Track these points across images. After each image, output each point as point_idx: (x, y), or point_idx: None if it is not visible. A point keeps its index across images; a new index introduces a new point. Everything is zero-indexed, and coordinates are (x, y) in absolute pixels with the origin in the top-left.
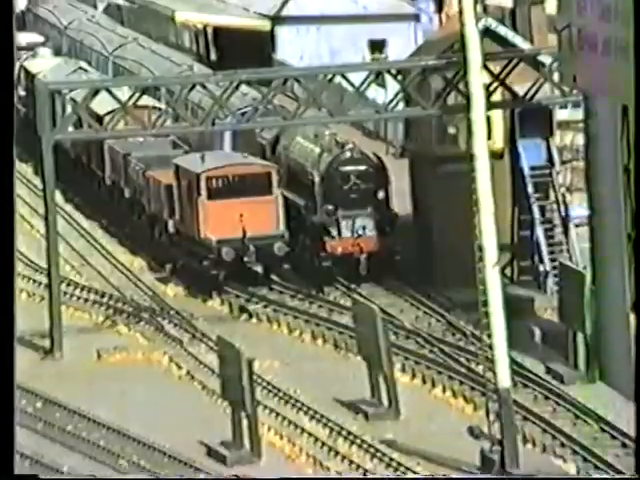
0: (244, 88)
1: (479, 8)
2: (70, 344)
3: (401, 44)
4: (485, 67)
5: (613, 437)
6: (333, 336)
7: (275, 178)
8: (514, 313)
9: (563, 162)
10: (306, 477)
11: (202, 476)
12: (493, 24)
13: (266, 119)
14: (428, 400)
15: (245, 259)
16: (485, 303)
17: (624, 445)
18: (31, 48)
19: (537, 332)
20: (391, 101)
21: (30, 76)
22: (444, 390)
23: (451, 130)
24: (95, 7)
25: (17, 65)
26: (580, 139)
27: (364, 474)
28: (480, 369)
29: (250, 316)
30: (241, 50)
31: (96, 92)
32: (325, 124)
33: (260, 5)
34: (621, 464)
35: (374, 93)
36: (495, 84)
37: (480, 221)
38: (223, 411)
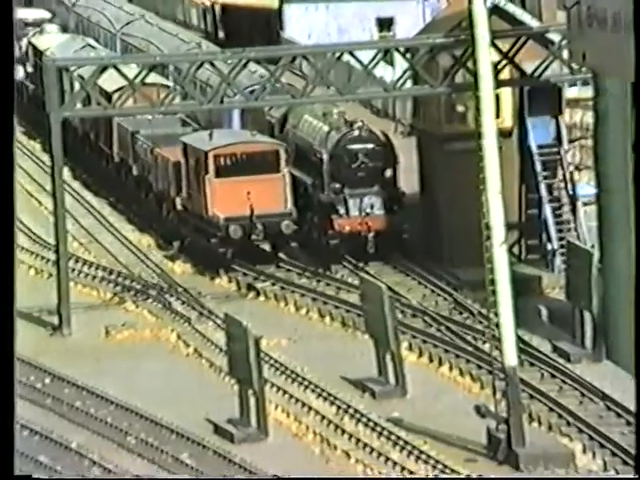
0: (252, 66)
1: None
2: (78, 321)
3: (409, 22)
4: (493, 45)
5: (619, 415)
6: (340, 314)
7: (283, 156)
8: (521, 291)
9: (572, 140)
10: (300, 478)
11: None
12: (502, 1)
13: (274, 97)
14: (435, 378)
15: (253, 237)
16: (492, 282)
17: (629, 423)
18: (38, 24)
19: (544, 311)
20: (399, 79)
21: (38, 52)
22: (451, 368)
23: (459, 108)
24: None
25: (24, 41)
26: (590, 117)
27: (370, 452)
28: (487, 347)
29: (257, 294)
30: (249, 28)
31: (104, 69)
32: (333, 102)
33: None
34: (626, 442)
35: (382, 71)
36: (504, 62)
37: (487, 199)
38: (230, 389)
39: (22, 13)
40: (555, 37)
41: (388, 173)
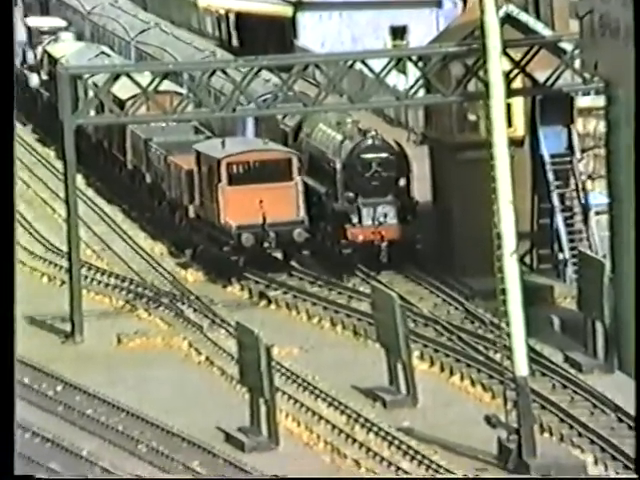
0: (266, 74)
1: None
2: (90, 328)
3: (422, 31)
4: (506, 54)
5: (630, 427)
6: (352, 323)
7: (296, 164)
8: (533, 301)
9: (584, 150)
10: (308, 478)
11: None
12: (514, 11)
13: (286, 105)
14: (446, 388)
15: (265, 245)
16: (503, 291)
17: None
18: (54, 32)
19: (556, 320)
20: (411, 88)
21: (53, 60)
22: (462, 378)
23: (471, 117)
24: None
25: (40, 49)
26: (603, 126)
27: (381, 462)
28: (498, 357)
29: (269, 302)
30: (263, 36)
31: (117, 77)
32: (346, 111)
33: None
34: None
35: (395, 80)
36: (516, 71)
37: (499, 209)
38: (242, 397)
39: (38, 21)
40: (567, 46)
41: (402, 182)
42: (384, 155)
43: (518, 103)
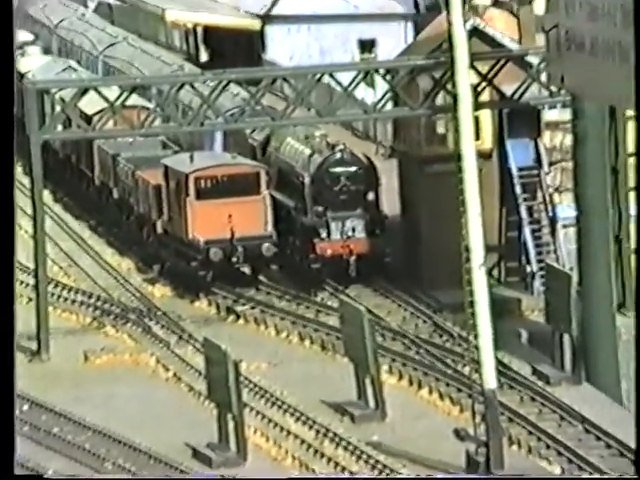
0: (234, 89)
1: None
2: (57, 345)
3: (391, 44)
4: (473, 67)
5: (598, 438)
6: (320, 337)
7: (264, 178)
8: (501, 314)
9: (552, 163)
10: (294, 477)
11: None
12: (481, 24)
13: (255, 119)
14: (414, 402)
15: (233, 260)
16: (471, 304)
17: (608, 446)
18: (20, 47)
19: (524, 333)
20: (379, 101)
21: (19, 75)
22: (430, 392)
23: (439, 130)
24: (86, 6)
25: None
26: (570, 139)
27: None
28: (467, 371)
29: (237, 317)
30: (231, 50)
31: (85, 91)
32: (315, 125)
33: (251, 4)
34: (605, 465)
35: (363, 93)
36: (483, 84)
37: (467, 222)
38: (210, 413)
39: None
40: (534, 60)
41: (370, 196)
42: (353, 169)
43: (486, 116)
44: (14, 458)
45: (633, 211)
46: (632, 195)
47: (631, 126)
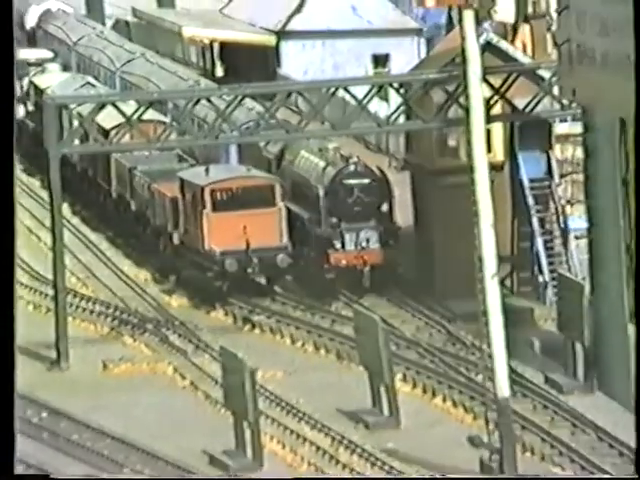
0: (250, 103)
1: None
2: (76, 355)
3: (404, 59)
4: (485, 81)
5: (611, 446)
6: (335, 347)
7: (278, 190)
8: (514, 323)
9: (562, 175)
10: (301, 477)
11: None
12: (494, 39)
13: (269, 132)
14: (428, 409)
15: (248, 270)
16: (485, 313)
17: (621, 454)
18: (40, 64)
19: (536, 342)
20: (392, 114)
21: (39, 91)
22: (444, 400)
23: (451, 143)
24: (104, 24)
25: (26, 80)
26: (580, 152)
27: None
28: (480, 379)
29: (253, 327)
30: (247, 65)
31: (102, 106)
32: (329, 138)
33: (266, 20)
34: (619, 472)
35: (376, 107)
36: (495, 97)
37: (480, 232)
38: (226, 420)
39: (24, 53)
40: (546, 74)
41: (384, 207)
42: (366, 181)
43: (498, 129)
44: (14, 457)
45: None
46: None
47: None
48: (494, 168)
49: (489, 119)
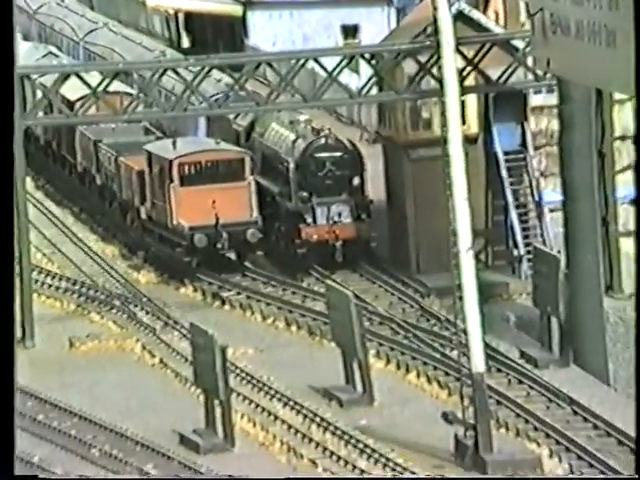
0: (217, 74)
1: None
2: (42, 333)
3: (374, 29)
4: (458, 51)
5: (585, 419)
6: (307, 323)
7: (248, 164)
8: (488, 298)
9: (536, 147)
10: (295, 477)
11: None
12: (466, 8)
13: (239, 105)
14: (402, 386)
15: (218, 246)
16: (459, 288)
17: (595, 427)
18: None
19: (511, 317)
20: (364, 86)
21: None
22: (418, 376)
23: (424, 115)
24: None
25: None
26: (555, 124)
27: (337, 461)
28: (454, 354)
29: (223, 303)
30: (213, 36)
31: (66, 77)
32: (299, 110)
33: None
34: (593, 446)
35: (347, 79)
36: (469, 68)
37: (454, 206)
38: (196, 399)
39: None
40: (520, 44)
41: (356, 181)
42: (338, 154)
43: (472, 101)
44: (14, 458)
45: (620, 194)
46: (620, 178)
47: (617, 110)
48: (468, 140)
49: (462, 91)
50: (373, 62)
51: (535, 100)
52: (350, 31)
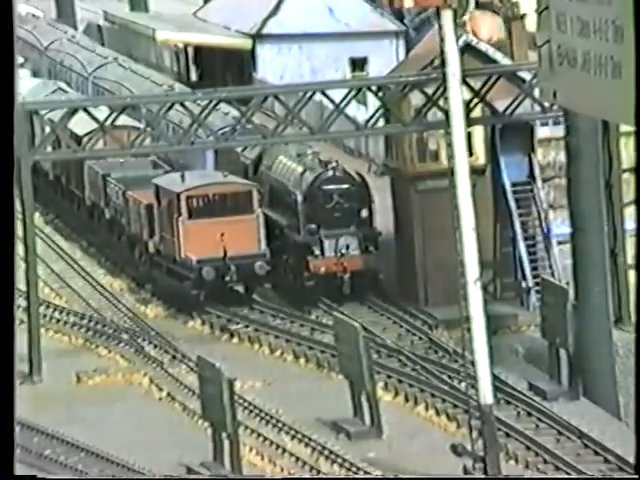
0: (225, 108)
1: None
2: (49, 367)
3: (382, 62)
4: (465, 83)
5: (596, 453)
6: (315, 355)
7: (256, 197)
8: (497, 329)
9: (545, 180)
10: (293, 477)
11: None
12: (473, 40)
13: (246, 137)
14: (411, 418)
15: (226, 279)
16: (467, 319)
17: (607, 461)
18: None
19: (520, 348)
20: (371, 118)
21: None
22: (427, 408)
23: (431, 146)
24: (75, 28)
25: None
26: (563, 157)
27: None
28: (463, 386)
29: (231, 336)
30: (222, 69)
31: (74, 112)
32: (307, 143)
33: (241, 23)
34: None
35: (355, 111)
36: (475, 100)
37: (461, 237)
38: (204, 432)
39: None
40: (526, 75)
41: (364, 213)
42: (345, 186)
43: (478, 132)
44: (14, 458)
45: (629, 226)
46: (628, 210)
47: (624, 142)
48: (475, 172)
49: (469, 122)
50: (380, 94)
51: (542, 132)
52: (359, 64)
